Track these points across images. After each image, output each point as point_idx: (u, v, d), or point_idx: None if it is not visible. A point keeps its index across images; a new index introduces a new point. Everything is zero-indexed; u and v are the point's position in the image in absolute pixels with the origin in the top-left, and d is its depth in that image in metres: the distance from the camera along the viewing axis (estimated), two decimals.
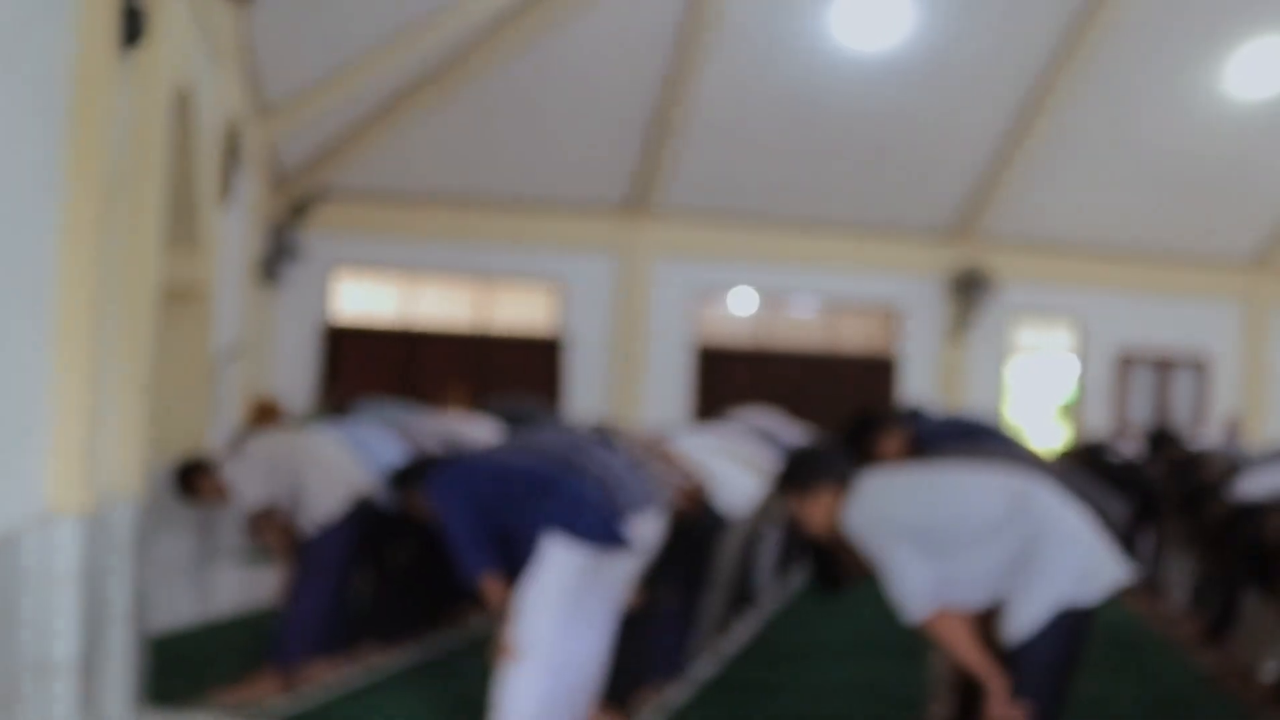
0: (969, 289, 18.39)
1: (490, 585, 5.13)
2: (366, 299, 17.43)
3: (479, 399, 14.71)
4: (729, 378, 18.02)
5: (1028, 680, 4.37)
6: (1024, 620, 4.38)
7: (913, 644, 8.90)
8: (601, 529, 5.08)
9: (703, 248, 17.99)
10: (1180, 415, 19.36)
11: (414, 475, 6.33)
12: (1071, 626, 4.40)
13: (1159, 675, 8.58)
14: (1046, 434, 19.40)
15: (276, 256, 15.70)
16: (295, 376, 16.50)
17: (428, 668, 7.45)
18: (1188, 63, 16.90)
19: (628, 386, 17.67)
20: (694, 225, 17.94)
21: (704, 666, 7.82)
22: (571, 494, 5.10)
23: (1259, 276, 19.56)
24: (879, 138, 17.21)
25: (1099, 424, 18.90)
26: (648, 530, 5.43)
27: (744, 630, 9.31)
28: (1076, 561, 4.41)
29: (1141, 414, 19.35)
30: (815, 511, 4.71)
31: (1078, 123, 17.23)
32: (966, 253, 18.54)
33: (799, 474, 4.79)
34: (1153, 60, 16.71)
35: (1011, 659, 4.42)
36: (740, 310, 18.58)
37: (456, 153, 16.68)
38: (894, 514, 4.55)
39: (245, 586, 10.29)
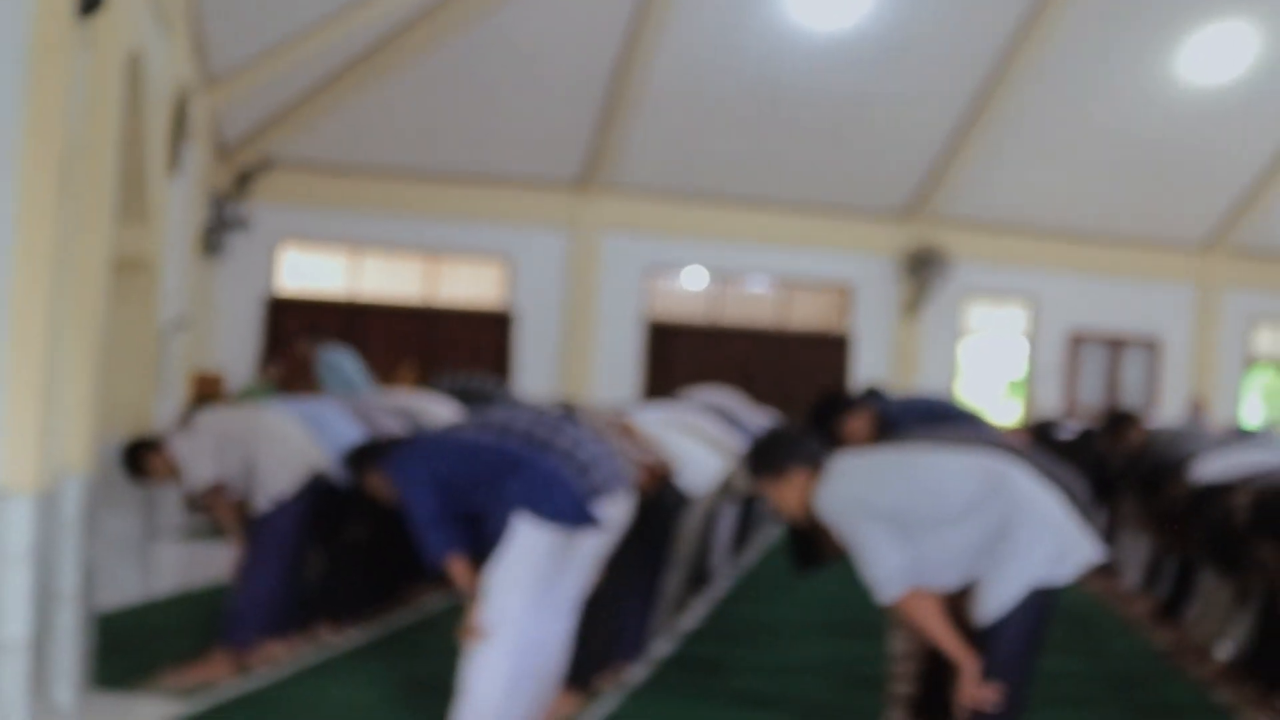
0: (922, 268, 18.41)
1: (456, 567, 5.00)
2: (311, 272, 17.26)
3: (429, 374, 14.61)
4: (680, 354, 17.98)
5: (999, 660, 4.33)
6: (997, 600, 4.33)
7: (870, 623, 8.91)
8: (571, 508, 4.98)
9: (655, 224, 17.93)
10: (1131, 396, 19.49)
11: (371, 455, 6.19)
12: (1041, 606, 4.37)
13: (1115, 653, 8.61)
14: (998, 412, 19.48)
15: (220, 228, 15.51)
16: (238, 350, 16.33)
17: (381, 647, 7.35)
18: (1143, 47, 16.96)
19: (578, 362, 17.59)
20: (646, 202, 17.87)
21: (662, 645, 7.75)
22: (540, 472, 4.99)
23: (1210, 259, 19.69)
24: (834, 117, 17.19)
25: (1050, 403, 19.00)
26: (616, 510, 5.34)
27: (700, 609, 9.26)
28: (1050, 542, 4.36)
29: (1092, 394, 19.47)
30: (788, 494, 4.62)
31: (1033, 105, 17.27)
32: (920, 232, 18.56)
33: (771, 457, 4.69)
34: (1108, 44, 16.76)
35: (983, 639, 4.37)
36: (692, 286, 18.52)
37: (405, 126, 16.53)
38: (867, 495, 4.47)
39: (189, 564, 10.17)
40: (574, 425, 5.52)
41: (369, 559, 7.84)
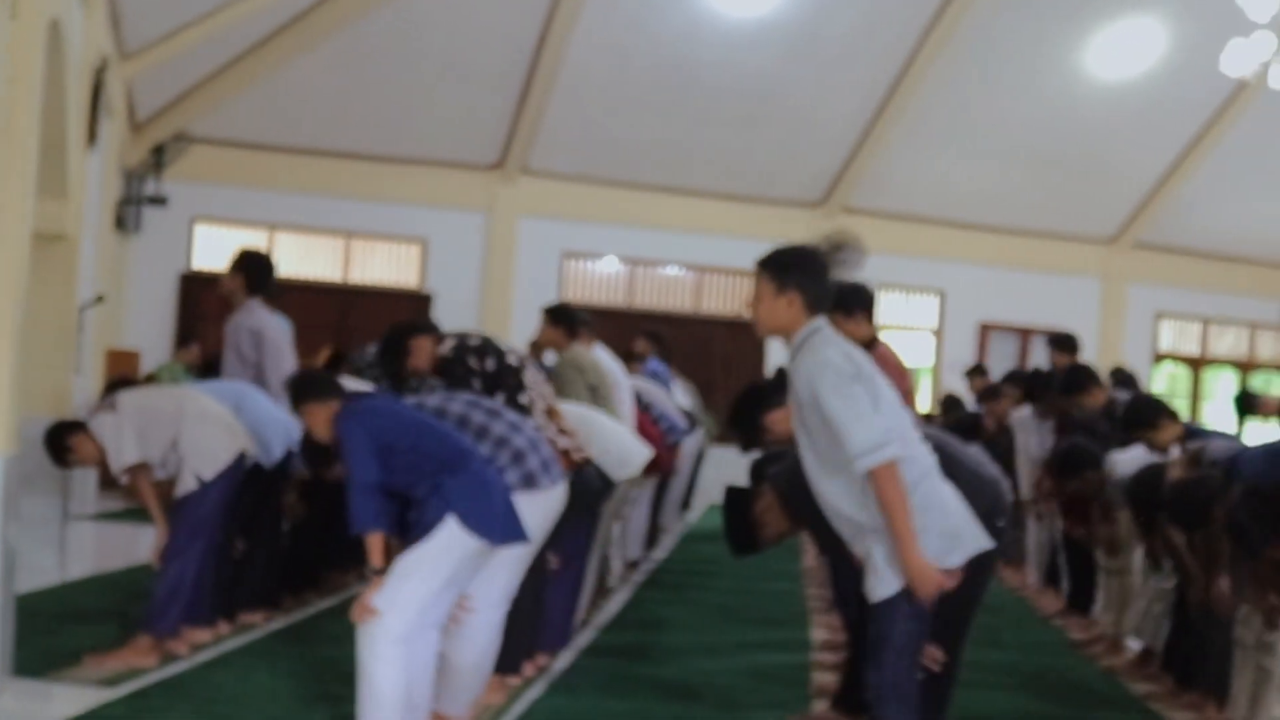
0: (834, 258, 18.44)
1: (374, 542, 4.88)
2: (227, 250, 16.99)
3: (346, 354, 14.50)
4: (597, 337, 17.94)
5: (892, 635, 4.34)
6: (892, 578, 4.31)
7: (789, 613, 8.98)
8: (499, 525, 4.92)
9: (571, 209, 17.91)
10: None
11: (322, 388, 5.90)
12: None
13: (1027, 643, 8.73)
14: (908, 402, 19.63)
15: (134, 204, 15.30)
16: (153, 328, 16.11)
17: (304, 631, 7.35)
18: (1052, 42, 17.16)
19: None
20: (563, 186, 17.86)
21: (584, 634, 7.78)
22: (478, 479, 4.93)
23: (1116, 252, 19.98)
24: (748, 105, 17.24)
25: (962, 390, 19.19)
26: (553, 503, 5.35)
27: (621, 598, 9.31)
28: (945, 522, 4.36)
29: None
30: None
31: (944, 97, 17.44)
32: (832, 223, 18.64)
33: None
34: (1018, 38, 16.96)
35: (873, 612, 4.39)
36: (608, 270, 18.51)
37: (322, 105, 16.42)
38: (851, 358, 4.39)
39: (105, 546, 10.06)
40: (511, 409, 5.52)
41: (292, 543, 7.80)
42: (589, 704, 6.18)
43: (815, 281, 4.47)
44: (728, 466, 18.95)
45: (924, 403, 19.21)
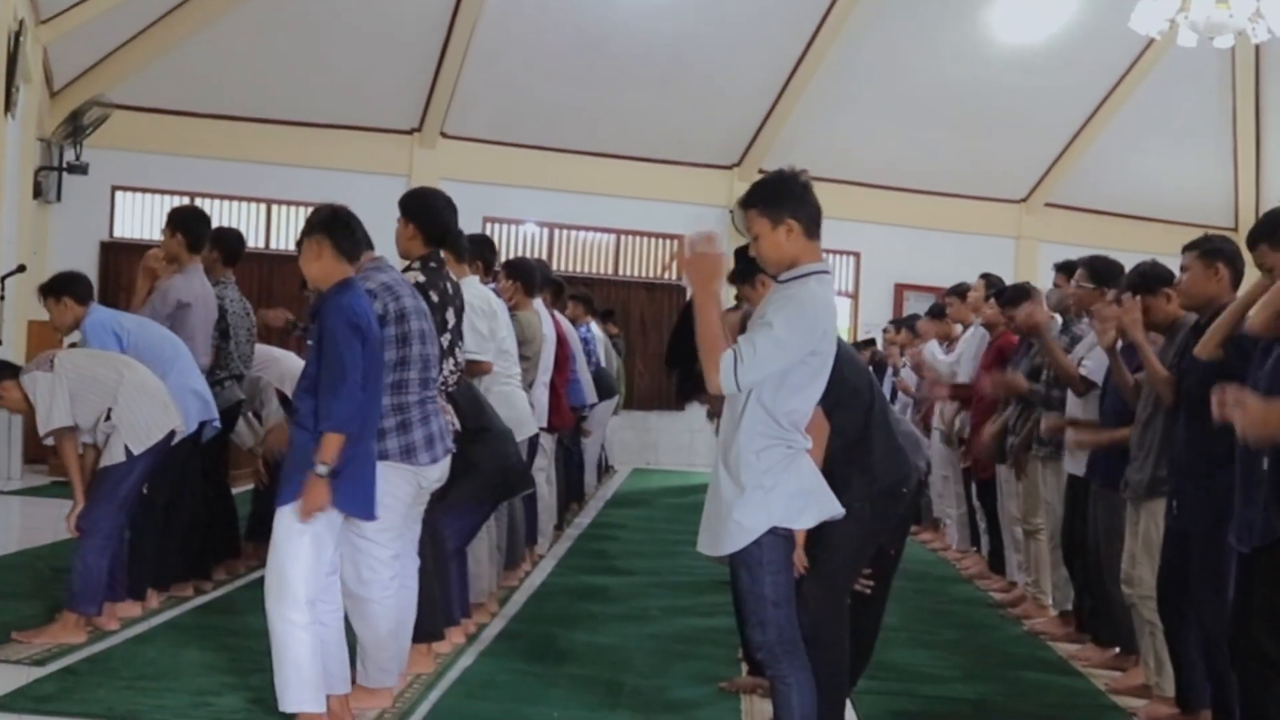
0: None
1: (330, 441, 4.92)
2: (148, 217, 16.93)
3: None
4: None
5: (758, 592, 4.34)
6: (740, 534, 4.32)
7: (706, 577, 9.14)
8: (361, 501, 5.11)
9: (491, 173, 17.93)
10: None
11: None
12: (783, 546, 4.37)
13: (952, 604, 8.97)
14: None
15: (53, 172, 15.18)
16: None
17: (232, 602, 7.41)
18: (962, 4, 17.39)
19: None
20: (482, 150, 17.92)
21: (513, 600, 7.93)
22: (366, 448, 5.12)
23: (1028, 212, 20.31)
24: (663, 69, 17.38)
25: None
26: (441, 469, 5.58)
27: (545, 566, 9.46)
28: (797, 484, 4.37)
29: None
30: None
31: (856, 60, 17.65)
32: (749, 184, 18.78)
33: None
34: (928, 1, 17.11)
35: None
36: (528, 234, 18.57)
37: (241, 71, 16.35)
38: (819, 316, 4.38)
39: (26, 521, 10.05)
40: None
41: (208, 518, 7.82)
42: (519, 671, 6.31)
43: (807, 204, 4.47)
44: (648, 432, 19.29)
45: None
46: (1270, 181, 20.51)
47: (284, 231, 17.45)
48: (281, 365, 8.70)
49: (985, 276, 10.54)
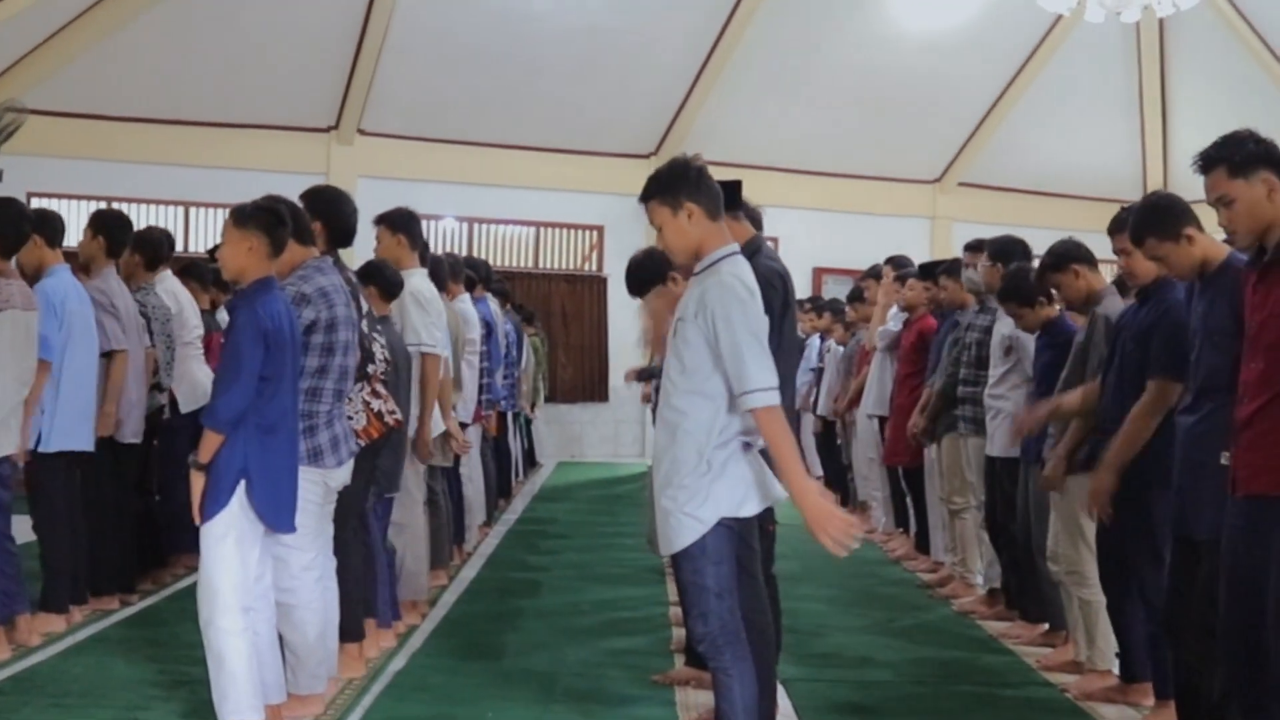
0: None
1: (209, 439, 4.88)
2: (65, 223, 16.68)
3: None
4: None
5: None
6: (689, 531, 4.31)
7: (643, 569, 9.17)
8: (283, 512, 5.10)
9: (409, 169, 17.85)
10: None
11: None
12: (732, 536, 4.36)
13: (880, 586, 9.05)
14: None
15: None
16: None
17: (158, 614, 7.35)
18: None
19: None
20: (399, 146, 17.86)
21: (444, 599, 7.92)
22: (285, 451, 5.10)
23: (942, 192, 20.50)
24: (577, 59, 17.39)
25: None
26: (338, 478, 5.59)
27: (475, 562, 9.45)
28: (747, 473, 4.38)
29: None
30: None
31: (769, 47, 17.71)
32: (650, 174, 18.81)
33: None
34: None
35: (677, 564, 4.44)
36: (447, 229, 18.50)
37: (155, 73, 16.19)
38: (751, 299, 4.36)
39: None
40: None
41: (135, 529, 7.74)
42: (452, 671, 6.32)
43: (704, 188, 4.45)
44: (572, 425, 19.28)
45: None
46: (1177, 155, 20.77)
47: (203, 234, 17.28)
48: None
49: (890, 260, 10.64)
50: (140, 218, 16.68)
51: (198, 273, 9.55)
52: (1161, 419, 5.10)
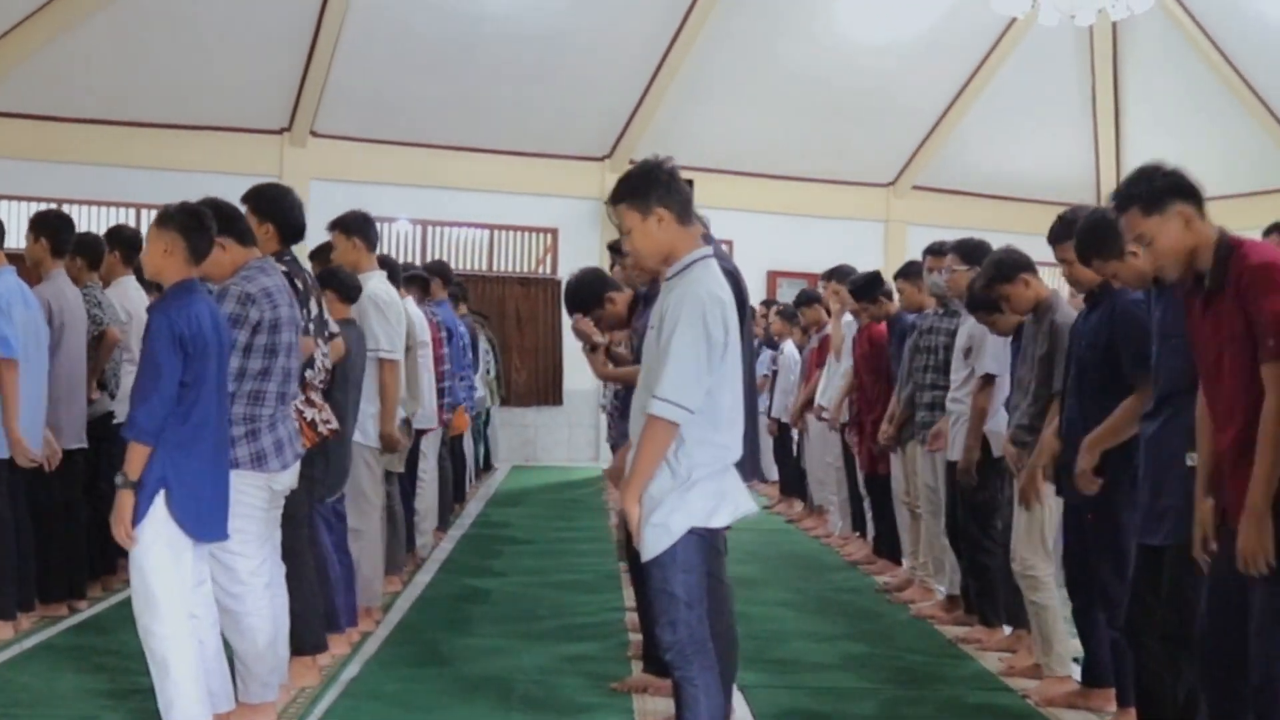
0: None
1: (135, 452, 4.77)
2: (12, 225, 16.40)
3: None
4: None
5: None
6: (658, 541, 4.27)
7: (599, 576, 9.12)
8: (207, 522, 5.00)
9: (363, 171, 17.77)
10: None
11: None
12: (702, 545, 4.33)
13: (838, 592, 9.03)
14: None
15: None
16: None
17: (107, 621, 7.26)
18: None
19: None
20: (352, 148, 17.77)
21: (397, 607, 7.85)
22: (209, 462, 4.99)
23: (896, 195, 20.57)
24: (531, 62, 17.32)
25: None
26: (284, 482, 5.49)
27: (430, 568, 9.39)
28: (718, 485, 4.34)
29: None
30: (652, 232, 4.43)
31: (723, 49, 17.74)
32: (620, 176, 18.78)
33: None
34: None
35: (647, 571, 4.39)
36: (401, 231, 18.40)
37: (107, 74, 16.06)
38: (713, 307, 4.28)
39: None
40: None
41: (90, 530, 7.65)
42: (407, 679, 6.26)
43: (675, 191, 4.40)
44: (525, 429, 19.22)
45: None
46: (1130, 158, 20.89)
47: None
48: None
49: (832, 274, 10.69)
50: (91, 220, 16.59)
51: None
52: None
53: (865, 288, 9.54)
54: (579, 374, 18.54)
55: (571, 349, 18.33)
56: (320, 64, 16.53)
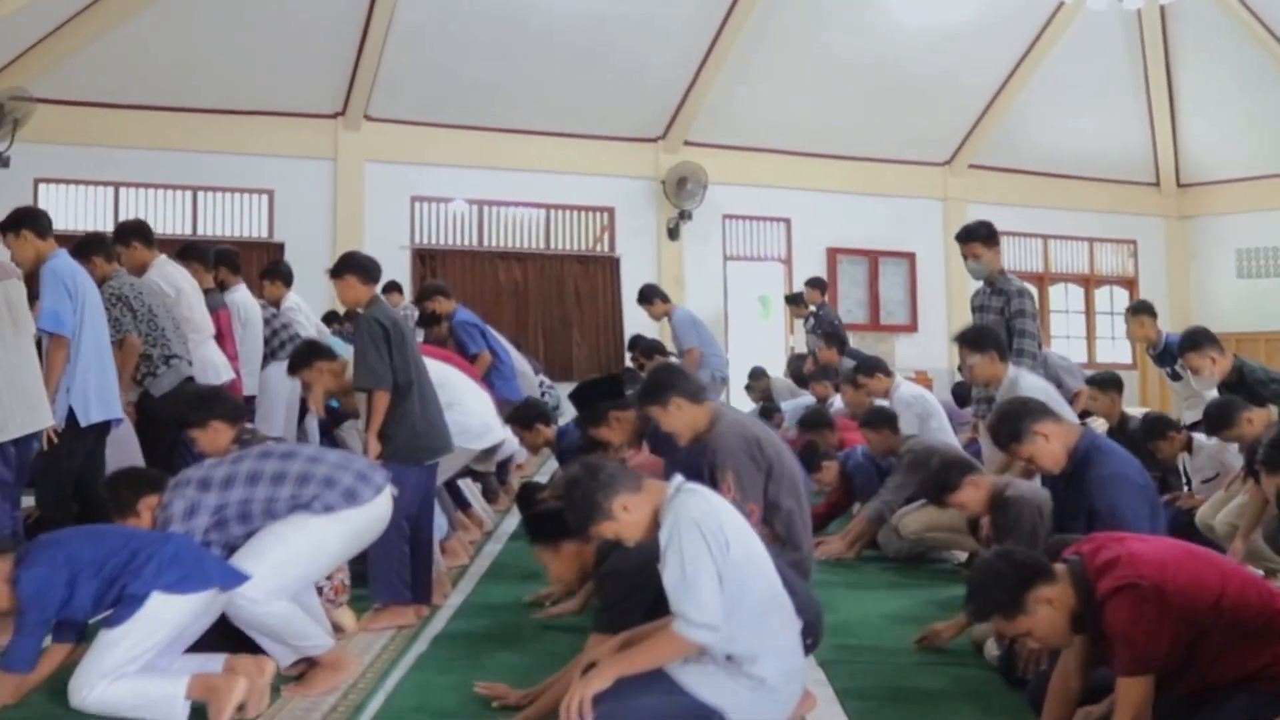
0: (680, 191, 18.70)
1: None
2: (73, 210, 16.69)
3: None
4: (450, 278, 18.05)
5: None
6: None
7: None
8: (216, 575, 5.16)
9: (417, 152, 17.89)
10: (890, 307, 20.22)
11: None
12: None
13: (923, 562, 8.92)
14: (759, 334, 20.16)
15: None
16: None
17: None
18: None
19: None
20: (407, 130, 17.82)
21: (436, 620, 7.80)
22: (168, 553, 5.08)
23: (953, 174, 20.48)
24: (584, 43, 17.35)
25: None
26: (377, 511, 5.72)
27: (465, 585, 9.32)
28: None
29: (855, 306, 20.11)
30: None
31: (777, 28, 17.74)
32: (676, 157, 18.85)
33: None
34: None
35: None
36: (458, 211, 18.47)
37: (163, 60, 16.13)
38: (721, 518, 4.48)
39: None
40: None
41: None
42: (444, 686, 5.72)
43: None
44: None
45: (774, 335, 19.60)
46: (1186, 137, 20.81)
47: (211, 218, 17.24)
48: None
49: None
50: (149, 204, 16.75)
51: (198, 254, 9.62)
52: None
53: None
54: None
55: (631, 325, 18.43)
56: (374, 47, 16.58)
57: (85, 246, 8.13)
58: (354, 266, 7.08)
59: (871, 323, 20.23)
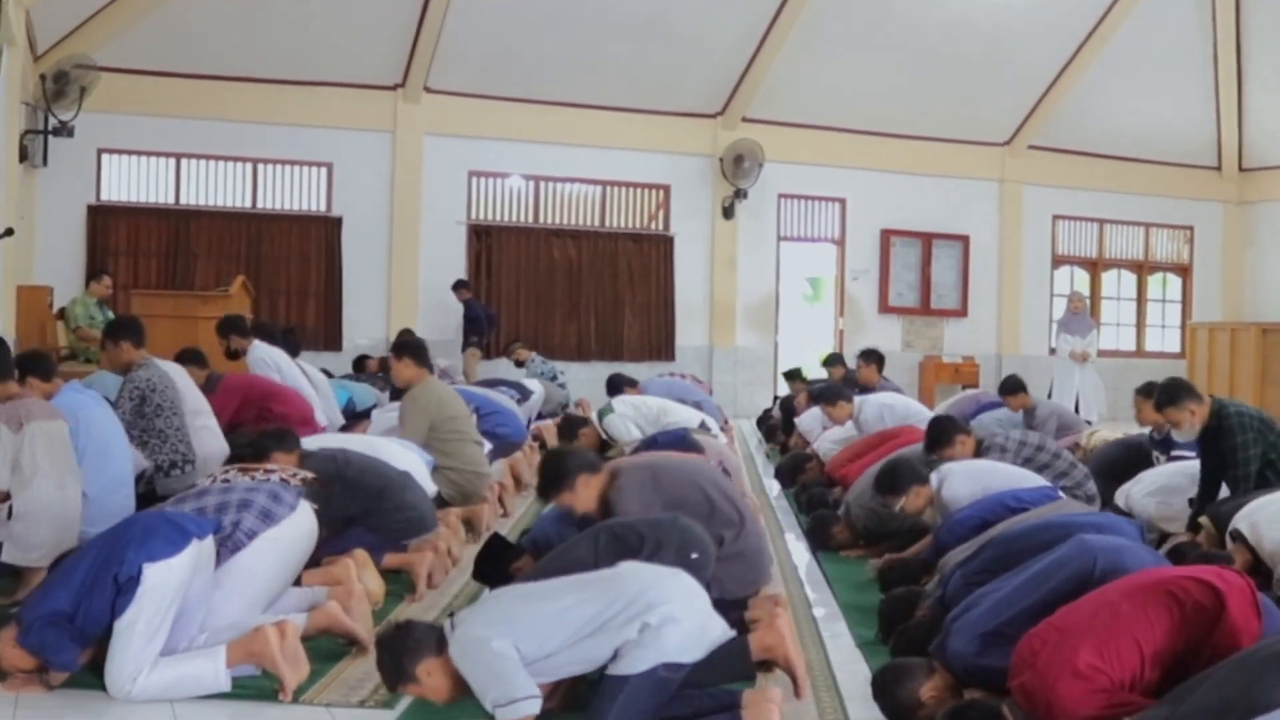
0: (736, 169, 18.70)
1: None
2: (134, 180, 16.90)
3: (258, 284, 14.46)
4: (505, 253, 18.14)
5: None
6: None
7: None
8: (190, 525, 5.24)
9: (475, 127, 17.95)
10: (942, 290, 20.15)
11: None
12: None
13: None
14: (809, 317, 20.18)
15: (37, 136, 15.10)
16: (62, 261, 15.91)
17: None
18: None
19: (403, 263, 17.59)
20: (466, 104, 17.87)
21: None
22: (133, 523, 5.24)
23: (1011, 155, 20.36)
24: (644, 18, 17.35)
25: (866, 298, 19.62)
26: (299, 525, 5.83)
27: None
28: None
29: (906, 289, 20.06)
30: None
31: (837, 5, 17.65)
32: (733, 134, 18.84)
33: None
34: None
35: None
36: (514, 186, 18.56)
37: (225, 31, 16.26)
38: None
39: None
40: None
41: None
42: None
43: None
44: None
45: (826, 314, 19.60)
46: (1251, 120, 20.57)
47: (271, 190, 17.41)
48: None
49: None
50: (209, 174, 16.96)
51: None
52: None
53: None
54: (691, 329, 18.68)
55: (683, 305, 18.46)
56: (434, 20, 16.64)
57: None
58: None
59: (922, 306, 20.16)
